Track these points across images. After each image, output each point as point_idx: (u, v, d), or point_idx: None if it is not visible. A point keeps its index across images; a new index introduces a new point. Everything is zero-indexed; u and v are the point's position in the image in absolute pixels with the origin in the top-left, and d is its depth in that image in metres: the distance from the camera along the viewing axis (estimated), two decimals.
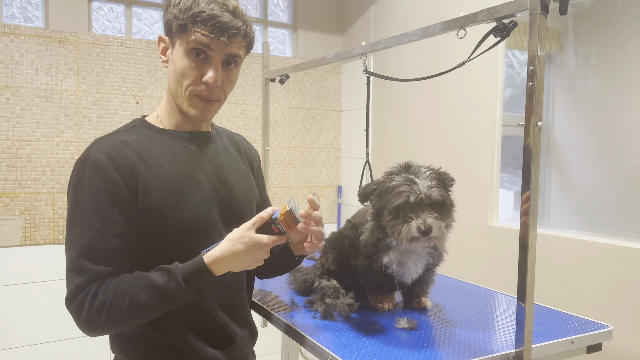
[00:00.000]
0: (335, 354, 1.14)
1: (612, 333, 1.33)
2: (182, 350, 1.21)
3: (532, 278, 1.10)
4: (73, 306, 1.10)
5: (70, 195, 1.15)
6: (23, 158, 2.69)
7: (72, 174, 1.16)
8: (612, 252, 1.94)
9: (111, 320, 1.09)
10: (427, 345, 1.20)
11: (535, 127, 1.08)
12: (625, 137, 2.68)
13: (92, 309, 1.08)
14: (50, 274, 2.78)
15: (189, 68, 1.18)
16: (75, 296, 1.09)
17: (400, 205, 1.27)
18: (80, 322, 1.11)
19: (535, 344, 1.18)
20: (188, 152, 1.25)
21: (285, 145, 3.45)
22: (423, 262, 1.39)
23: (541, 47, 1.07)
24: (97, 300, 1.08)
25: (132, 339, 1.22)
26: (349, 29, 3.59)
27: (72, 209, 1.13)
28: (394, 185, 1.30)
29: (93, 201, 1.11)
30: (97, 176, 1.12)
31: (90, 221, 1.10)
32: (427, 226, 1.23)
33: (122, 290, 1.09)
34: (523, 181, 1.10)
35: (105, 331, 1.13)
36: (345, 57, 1.78)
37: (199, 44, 1.15)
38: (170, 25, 1.19)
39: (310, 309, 1.44)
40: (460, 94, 2.60)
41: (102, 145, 1.16)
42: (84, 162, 1.14)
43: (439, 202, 1.28)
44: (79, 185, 1.13)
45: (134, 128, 1.24)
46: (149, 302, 1.09)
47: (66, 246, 1.12)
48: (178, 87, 1.20)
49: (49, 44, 2.72)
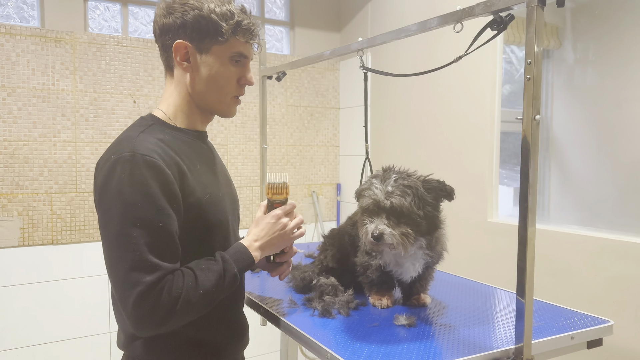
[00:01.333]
0: (333, 352, 1.13)
1: (612, 328, 1.32)
2: (210, 343, 1.23)
3: (532, 273, 1.09)
4: (147, 304, 1.05)
5: (116, 195, 1.07)
6: (20, 158, 2.68)
7: (112, 174, 1.09)
8: (612, 247, 1.93)
9: (183, 313, 1.09)
10: (427, 342, 1.19)
11: (534, 121, 1.07)
12: (624, 132, 2.68)
13: (167, 304, 1.07)
14: (48, 275, 2.77)
15: (232, 74, 1.24)
16: (148, 294, 1.05)
17: (362, 209, 1.30)
18: (149, 319, 1.07)
19: (535, 340, 1.18)
20: (203, 150, 1.29)
21: (284, 144, 3.44)
22: (421, 262, 1.39)
23: (538, 40, 1.06)
24: (173, 295, 1.07)
25: (162, 338, 1.18)
26: (347, 26, 3.58)
27: (124, 209, 1.07)
28: (363, 188, 1.33)
29: (152, 199, 1.08)
30: (152, 174, 1.09)
31: (153, 219, 1.08)
32: (378, 232, 1.24)
33: (191, 282, 1.10)
34: (521, 175, 1.09)
35: (174, 325, 1.10)
36: (342, 53, 1.76)
37: (243, 52, 1.23)
38: (202, 31, 1.18)
39: (308, 307, 1.44)
40: (459, 89, 2.59)
41: (143, 142, 1.12)
42: (132, 161, 1.08)
43: (395, 210, 1.26)
44: (129, 184, 1.07)
45: (153, 127, 1.21)
46: (215, 291, 1.13)
47: (123, 247, 1.06)
48: (215, 93, 1.24)
49: (45, 44, 2.71)
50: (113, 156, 1.10)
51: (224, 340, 1.27)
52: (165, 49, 1.24)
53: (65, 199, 2.79)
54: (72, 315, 2.83)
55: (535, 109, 1.08)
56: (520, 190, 1.10)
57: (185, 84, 1.24)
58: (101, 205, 1.11)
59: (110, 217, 1.08)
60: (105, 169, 1.10)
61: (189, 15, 1.18)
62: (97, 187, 1.13)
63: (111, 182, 1.09)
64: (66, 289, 2.81)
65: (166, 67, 1.27)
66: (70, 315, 2.83)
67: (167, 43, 1.22)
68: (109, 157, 1.12)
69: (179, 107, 1.26)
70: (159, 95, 3.00)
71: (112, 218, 1.08)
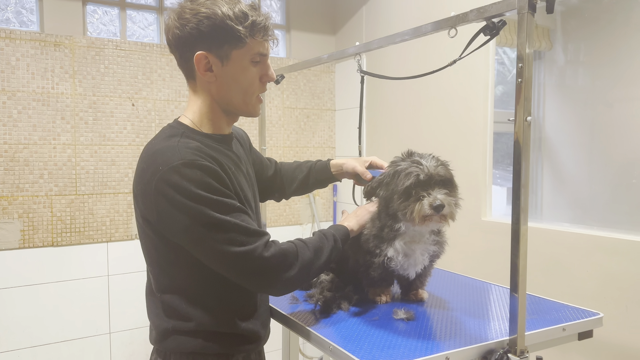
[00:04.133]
0: (336, 344, 1.17)
1: (602, 320, 1.38)
2: (242, 335, 1.27)
3: (524, 268, 1.14)
4: (274, 249, 1.16)
5: (188, 203, 1.09)
6: (20, 161, 2.71)
7: (172, 185, 1.09)
8: (603, 243, 1.98)
9: (304, 258, 1.22)
10: (425, 335, 1.23)
11: (525, 122, 1.12)
12: (614, 132, 2.74)
13: (289, 248, 1.19)
14: (49, 276, 2.80)
15: (254, 74, 1.26)
16: (272, 244, 1.17)
17: (411, 185, 1.30)
18: (283, 264, 1.17)
19: (528, 331, 1.23)
20: (230, 155, 1.31)
21: (281, 145, 3.49)
22: (430, 250, 1.42)
23: (529, 44, 1.12)
24: (289, 245, 1.21)
25: (193, 332, 1.22)
26: (342, 29, 3.63)
27: (202, 211, 1.09)
28: (401, 169, 1.34)
29: (221, 192, 1.13)
30: (209, 174, 1.12)
31: (232, 205, 1.14)
32: (439, 202, 1.27)
33: (314, 247, 1.24)
34: (514, 174, 1.14)
35: (300, 277, 1.21)
36: (340, 57, 1.81)
37: (262, 51, 1.24)
38: (220, 39, 1.18)
39: (310, 303, 1.48)
40: (452, 91, 2.64)
41: (189, 150, 1.14)
42: (188, 167, 1.10)
43: (448, 179, 1.32)
44: (196, 187, 1.09)
45: (185, 134, 1.22)
46: (330, 259, 1.28)
47: (225, 235, 1.11)
48: (240, 95, 1.26)
49: (44, 48, 2.74)
50: (161, 167, 1.11)
51: (256, 329, 1.30)
52: (185, 61, 1.24)
53: (65, 201, 2.82)
54: (73, 317, 2.86)
55: (526, 111, 1.13)
56: (512, 189, 1.15)
57: (209, 91, 1.26)
58: (177, 220, 1.11)
59: (195, 227, 1.10)
60: (162, 183, 1.10)
61: (203, 25, 1.17)
62: (159, 205, 1.12)
63: (175, 194, 1.09)
64: (66, 291, 2.84)
65: (187, 76, 1.28)
66: (71, 316, 2.86)
67: (185, 55, 1.22)
68: (156, 169, 1.12)
69: (204, 114, 1.27)
70: (158, 98, 3.04)
71: (197, 227, 1.10)
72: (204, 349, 1.22)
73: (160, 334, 1.24)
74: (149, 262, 1.26)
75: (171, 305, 1.22)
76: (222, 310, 1.23)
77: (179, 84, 3.10)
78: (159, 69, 3.05)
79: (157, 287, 1.24)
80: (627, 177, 2.63)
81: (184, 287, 1.22)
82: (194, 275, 1.20)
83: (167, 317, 1.22)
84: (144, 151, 1.22)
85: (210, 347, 1.22)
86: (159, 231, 1.17)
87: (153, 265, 1.24)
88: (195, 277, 1.21)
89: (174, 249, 1.18)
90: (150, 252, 1.24)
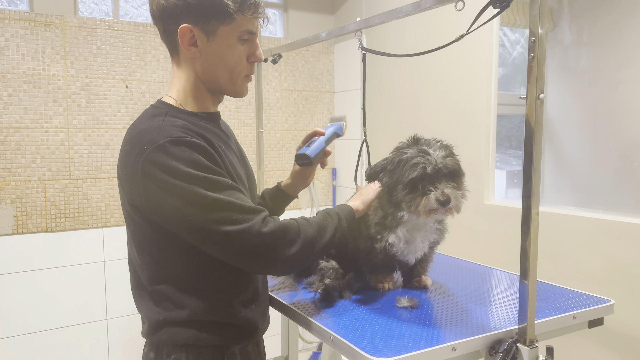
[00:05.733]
0: (337, 335, 1.12)
1: (613, 307, 1.33)
2: (239, 325, 1.21)
3: (535, 255, 1.09)
4: (273, 226, 1.10)
5: (177, 182, 1.03)
6: (12, 145, 2.64)
7: (158, 165, 1.03)
8: (608, 227, 1.94)
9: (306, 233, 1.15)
10: (430, 323, 1.19)
11: (538, 100, 1.06)
12: (618, 114, 2.67)
13: (290, 224, 1.14)
14: (43, 263, 2.75)
15: (241, 53, 1.19)
16: (271, 220, 1.11)
17: (417, 178, 1.25)
18: (282, 239, 1.11)
19: (538, 320, 1.18)
20: (219, 132, 1.25)
21: (279, 128, 3.42)
22: (430, 238, 1.38)
23: (542, 17, 1.05)
24: (288, 221, 1.15)
25: (187, 323, 1.16)
26: (341, 8, 3.54)
27: (193, 190, 1.03)
28: (407, 158, 1.28)
29: (211, 170, 1.07)
30: (198, 151, 1.06)
31: (223, 182, 1.08)
32: (446, 197, 1.22)
33: (317, 225, 1.18)
34: (525, 156, 1.08)
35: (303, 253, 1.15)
36: (340, 34, 1.74)
37: (251, 29, 1.17)
38: (207, 13, 1.12)
39: (310, 290, 1.43)
40: (455, 72, 2.57)
41: (175, 127, 1.08)
42: (174, 145, 1.04)
43: (455, 172, 1.27)
44: (185, 164, 1.03)
45: (170, 113, 1.15)
46: (334, 238, 1.22)
47: (219, 214, 1.04)
48: (226, 74, 1.19)
49: (34, 28, 2.66)
50: (146, 147, 1.04)
51: (254, 319, 1.25)
52: (168, 34, 1.17)
53: (59, 186, 2.76)
54: (68, 303, 2.82)
55: (539, 88, 1.06)
56: (523, 173, 1.09)
57: (193, 68, 1.19)
58: (167, 203, 1.04)
59: (186, 208, 1.04)
60: (148, 164, 1.04)
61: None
62: (146, 188, 1.05)
63: (163, 174, 1.03)
64: (61, 277, 2.80)
65: (170, 51, 1.21)
66: (66, 302, 2.82)
67: (169, 28, 1.15)
68: (141, 150, 1.05)
69: (188, 92, 1.21)
70: (152, 80, 2.96)
71: (189, 208, 1.04)
72: (198, 340, 1.16)
73: (152, 326, 1.18)
74: (138, 250, 1.18)
75: (163, 294, 1.16)
76: (218, 298, 1.17)
77: None
78: (153, 49, 2.96)
79: (147, 278, 1.18)
80: (631, 160, 2.58)
81: (176, 274, 1.15)
82: (187, 261, 1.14)
83: (159, 308, 1.16)
84: (127, 133, 1.16)
85: (205, 339, 1.16)
86: (147, 217, 1.11)
87: (142, 254, 1.17)
88: (189, 263, 1.14)
89: (165, 234, 1.11)
90: (139, 241, 1.17)
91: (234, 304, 1.19)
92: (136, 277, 1.22)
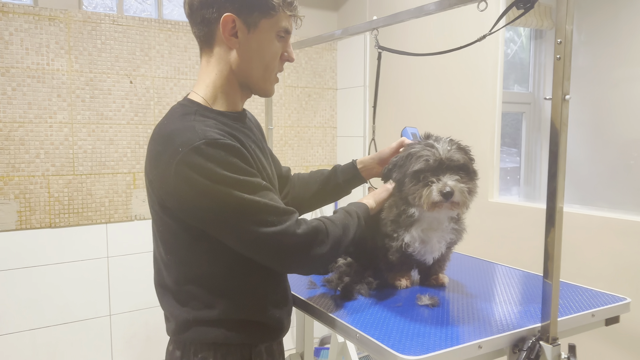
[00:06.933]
0: (363, 333, 1.13)
1: (629, 305, 1.35)
2: (265, 324, 1.22)
3: (559, 255, 1.10)
4: (305, 227, 1.12)
5: (213, 185, 1.03)
6: (16, 140, 2.62)
7: (195, 168, 1.03)
8: (614, 225, 1.96)
9: (334, 232, 1.18)
10: (453, 322, 1.20)
11: (564, 101, 1.07)
12: (619, 111, 2.70)
13: (319, 224, 1.16)
14: (47, 258, 2.73)
15: (278, 50, 1.20)
16: (302, 221, 1.13)
17: (421, 169, 1.26)
18: (314, 239, 1.13)
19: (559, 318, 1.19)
20: (247, 132, 1.25)
21: (282, 125, 3.41)
22: (447, 238, 1.38)
23: (569, 18, 1.06)
24: (317, 221, 1.17)
25: (216, 322, 1.17)
26: (344, 5, 3.53)
27: (229, 192, 1.03)
28: (414, 152, 1.30)
29: (246, 171, 1.08)
30: (233, 153, 1.06)
31: (258, 184, 1.09)
32: (449, 189, 1.22)
33: (342, 224, 1.21)
34: (550, 157, 1.10)
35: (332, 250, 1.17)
36: (355, 32, 1.74)
37: (288, 28, 1.19)
38: (252, 4, 1.12)
39: (329, 288, 1.44)
40: (460, 70, 2.58)
41: (209, 129, 1.07)
42: (211, 146, 1.03)
43: (461, 165, 1.27)
44: (221, 167, 1.03)
45: (199, 112, 1.14)
46: (355, 237, 1.25)
47: (254, 216, 1.05)
48: (260, 69, 1.19)
49: (38, 22, 2.63)
50: (181, 149, 1.03)
51: (282, 318, 1.25)
52: (207, 24, 1.15)
53: (63, 181, 2.74)
54: (72, 299, 2.81)
55: (565, 89, 1.07)
56: (548, 173, 1.10)
57: (228, 61, 1.18)
58: (202, 205, 1.05)
59: (223, 211, 1.05)
60: (183, 165, 1.03)
61: None
62: (180, 189, 1.05)
63: (199, 177, 1.03)
64: (65, 273, 2.78)
65: (204, 43, 1.19)
66: (70, 298, 2.80)
67: (210, 17, 1.13)
68: (174, 151, 1.04)
69: (219, 87, 1.19)
70: (156, 76, 2.94)
71: (225, 211, 1.05)
72: (227, 339, 1.16)
73: (180, 326, 1.17)
74: (166, 251, 1.18)
75: (192, 294, 1.16)
76: (249, 297, 1.18)
77: (178, 60, 3.01)
78: (157, 45, 2.95)
79: (174, 277, 1.17)
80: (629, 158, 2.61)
81: (207, 274, 1.15)
82: (217, 261, 1.15)
83: (187, 308, 1.16)
84: (156, 132, 1.14)
85: (233, 337, 1.17)
86: (178, 217, 1.11)
87: (171, 254, 1.17)
88: (219, 263, 1.15)
89: (195, 235, 1.11)
90: (167, 241, 1.17)
91: (264, 304, 1.20)
92: (160, 276, 1.21)
